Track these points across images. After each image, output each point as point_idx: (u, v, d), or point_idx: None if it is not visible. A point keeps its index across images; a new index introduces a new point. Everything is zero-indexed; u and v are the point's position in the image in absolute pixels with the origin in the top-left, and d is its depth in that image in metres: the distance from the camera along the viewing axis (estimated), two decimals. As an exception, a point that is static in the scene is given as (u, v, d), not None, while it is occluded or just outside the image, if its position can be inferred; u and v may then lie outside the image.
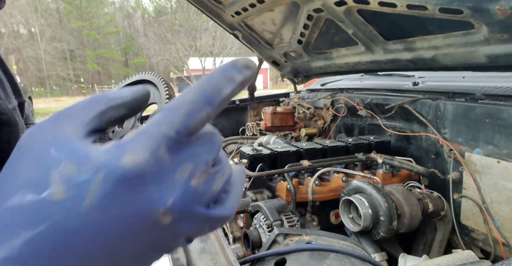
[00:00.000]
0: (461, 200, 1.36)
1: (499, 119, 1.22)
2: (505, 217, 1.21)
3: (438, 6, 1.11)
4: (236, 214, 1.44)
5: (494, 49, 1.17)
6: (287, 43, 2.06)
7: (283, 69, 2.52)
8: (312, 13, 1.61)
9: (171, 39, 24.20)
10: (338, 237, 0.88)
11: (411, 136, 1.63)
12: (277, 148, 1.55)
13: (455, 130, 1.38)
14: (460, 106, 1.36)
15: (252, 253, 1.08)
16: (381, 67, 1.76)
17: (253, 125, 2.42)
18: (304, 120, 2.32)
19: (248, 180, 1.42)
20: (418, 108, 1.54)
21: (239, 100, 2.77)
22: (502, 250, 1.22)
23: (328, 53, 1.96)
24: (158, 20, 28.71)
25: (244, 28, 2.12)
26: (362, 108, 1.82)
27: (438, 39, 1.32)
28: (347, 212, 1.26)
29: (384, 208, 1.14)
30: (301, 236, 0.85)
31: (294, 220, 1.15)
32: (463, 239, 1.37)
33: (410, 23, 1.34)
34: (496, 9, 0.99)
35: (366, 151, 1.58)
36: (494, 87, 1.43)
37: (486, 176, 1.26)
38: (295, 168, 1.40)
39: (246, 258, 0.79)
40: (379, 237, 1.17)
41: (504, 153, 1.20)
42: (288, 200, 1.32)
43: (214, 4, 1.96)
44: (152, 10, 34.17)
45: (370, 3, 1.31)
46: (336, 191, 1.39)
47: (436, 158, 1.51)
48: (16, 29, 31.65)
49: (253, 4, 1.76)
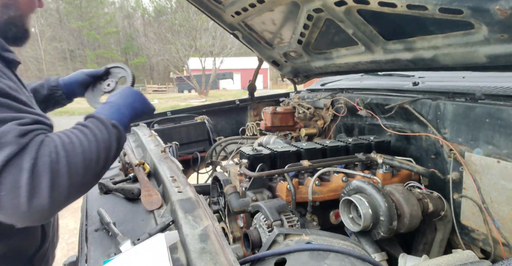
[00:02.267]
0: (461, 200, 1.36)
1: (499, 119, 1.22)
2: (505, 217, 1.21)
3: (438, 6, 1.11)
4: (236, 214, 1.44)
5: (494, 49, 1.17)
6: (287, 43, 2.06)
7: (283, 69, 2.52)
8: (312, 13, 1.61)
9: (171, 39, 24.20)
10: (338, 237, 0.88)
11: (411, 136, 1.63)
12: (277, 148, 1.55)
13: (455, 130, 1.38)
14: (460, 106, 1.36)
15: (252, 253, 1.08)
16: (381, 67, 1.76)
17: (253, 125, 2.42)
18: (304, 120, 2.32)
19: (248, 180, 1.42)
20: (418, 108, 1.54)
21: (239, 100, 2.77)
22: (502, 250, 1.22)
23: (328, 53, 1.96)
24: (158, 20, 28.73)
25: (244, 28, 2.12)
26: (362, 108, 1.82)
27: (438, 39, 1.32)
28: (347, 212, 1.26)
29: (384, 208, 1.14)
30: (301, 236, 0.85)
31: (294, 220, 1.15)
32: (463, 239, 1.37)
33: (410, 23, 1.33)
34: (496, 9, 0.99)
35: (366, 151, 1.58)
36: (494, 87, 1.43)
37: (486, 176, 1.26)
38: (295, 168, 1.40)
39: (246, 258, 0.79)
40: (379, 237, 1.17)
41: (504, 153, 1.20)
42: (288, 200, 1.32)
43: (214, 4, 1.96)
44: (152, 10, 34.19)
45: (370, 3, 1.31)
46: (336, 191, 1.39)
47: (436, 158, 1.51)
48: (16, 29, 31.58)
49: (253, 4, 1.76)
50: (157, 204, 1.12)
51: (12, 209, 0.70)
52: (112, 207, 1.17)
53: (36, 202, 0.71)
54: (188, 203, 0.98)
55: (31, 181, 0.71)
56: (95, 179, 0.87)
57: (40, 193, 0.72)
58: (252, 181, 1.39)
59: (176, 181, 1.17)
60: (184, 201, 0.99)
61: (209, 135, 2.42)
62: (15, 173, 0.70)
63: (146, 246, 0.79)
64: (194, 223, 0.85)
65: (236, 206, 1.33)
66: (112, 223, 1.00)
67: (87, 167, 0.81)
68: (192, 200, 1.00)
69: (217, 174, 1.64)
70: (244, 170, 1.40)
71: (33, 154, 0.73)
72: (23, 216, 0.72)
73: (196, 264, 0.69)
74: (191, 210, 0.93)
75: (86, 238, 0.99)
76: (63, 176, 0.75)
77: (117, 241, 0.91)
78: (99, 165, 0.85)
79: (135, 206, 1.16)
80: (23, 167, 0.71)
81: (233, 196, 1.39)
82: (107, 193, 1.30)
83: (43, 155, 0.75)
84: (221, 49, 24.85)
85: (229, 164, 1.71)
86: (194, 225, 0.84)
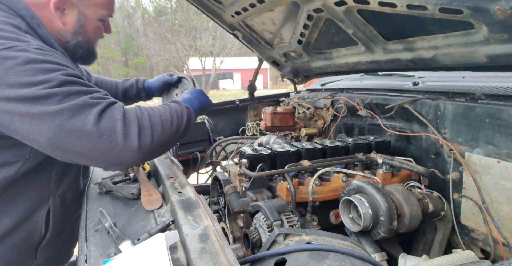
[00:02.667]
0: (461, 200, 1.36)
1: (499, 119, 1.22)
2: (505, 217, 1.21)
3: (438, 6, 1.11)
4: (236, 214, 1.44)
5: (494, 49, 1.17)
6: (287, 43, 2.06)
7: (283, 69, 2.51)
8: (312, 13, 1.61)
9: (171, 39, 24.20)
10: (338, 237, 0.88)
11: (411, 136, 1.63)
12: (277, 148, 1.55)
13: (455, 130, 1.38)
14: (460, 106, 1.36)
15: (252, 253, 1.08)
16: (381, 67, 1.76)
17: (253, 125, 2.42)
18: (304, 120, 2.32)
19: (248, 180, 1.42)
20: (418, 108, 1.54)
21: (239, 100, 2.77)
22: (502, 250, 1.22)
23: (328, 53, 1.96)
24: (158, 20, 28.72)
25: (244, 28, 2.12)
26: (362, 108, 1.82)
27: (438, 39, 1.32)
28: (347, 212, 1.26)
29: (384, 208, 1.14)
30: (301, 236, 0.85)
31: (294, 220, 1.15)
32: (463, 239, 1.37)
33: (410, 23, 1.33)
34: (496, 9, 0.99)
35: (366, 151, 1.58)
36: (494, 87, 1.43)
37: (486, 176, 1.26)
38: (295, 168, 1.40)
39: (246, 258, 0.79)
40: (379, 237, 1.17)
41: (504, 153, 1.20)
42: (288, 200, 1.32)
43: (214, 4, 1.96)
44: (152, 10, 34.18)
45: (370, 3, 1.31)
46: (336, 191, 1.39)
47: (436, 158, 1.51)
48: (16, 29, 31.55)
49: (253, 4, 1.76)
50: (157, 204, 1.12)
51: (111, 149, 0.92)
52: (112, 207, 1.17)
53: (129, 143, 0.93)
54: (188, 203, 0.98)
55: (124, 127, 0.94)
56: (171, 139, 1.08)
57: (131, 136, 0.94)
58: (252, 181, 1.39)
59: (176, 181, 1.17)
60: (184, 201, 0.99)
61: (209, 135, 2.42)
62: (111, 121, 0.93)
63: (146, 246, 0.79)
64: (194, 223, 0.85)
65: (236, 206, 1.33)
66: (112, 223, 1.00)
67: (163, 126, 1.04)
68: (192, 200, 1.00)
69: (217, 174, 1.64)
70: (244, 170, 1.40)
71: (121, 109, 0.98)
72: (119, 155, 0.94)
73: (196, 264, 0.69)
74: (191, 210, 0.93)
75: (86, 238, 0.99)
76: (146, 127, 0.99)
77: (117, 241, 0.91)
78: (172, 127, 1.08)
79: (135, 206, 1.16)
80: (116, 117, 0.94)
81: (233, 196, 1.39)
82: (107, 193, 1.30)
83: (130, 111, 1.00)
84: (221, 49, 24.84)
85: (229, 164, 1.71)
86: (194, 225, 0.84)
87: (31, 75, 0.90)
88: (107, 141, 0.91)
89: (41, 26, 1.11)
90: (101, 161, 0.95)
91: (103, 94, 1.00)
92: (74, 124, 0.89)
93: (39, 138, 0.90)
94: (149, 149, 0.98)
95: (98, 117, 0.91)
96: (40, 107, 0.89)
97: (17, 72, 0.89)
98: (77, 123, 0.89)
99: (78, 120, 0.90)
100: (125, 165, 0.99)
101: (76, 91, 0.94)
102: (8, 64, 0.89)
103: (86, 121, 0.90)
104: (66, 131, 0.89)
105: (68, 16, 1.17)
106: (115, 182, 1.33)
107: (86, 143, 0.90)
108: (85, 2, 1.19)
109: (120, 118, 0.94)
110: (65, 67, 0.98)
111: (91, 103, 0.93)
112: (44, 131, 0.89)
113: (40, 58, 0.94)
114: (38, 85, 0.90)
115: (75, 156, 0.94)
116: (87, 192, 1.33)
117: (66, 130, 0.89)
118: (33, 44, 0.98)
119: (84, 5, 1.19)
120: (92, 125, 0.90)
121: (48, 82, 0.91)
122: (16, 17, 1.06)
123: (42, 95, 0.89)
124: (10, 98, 0.89)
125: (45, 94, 0.89)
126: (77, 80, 0.97)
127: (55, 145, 0.91)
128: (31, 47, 0.96)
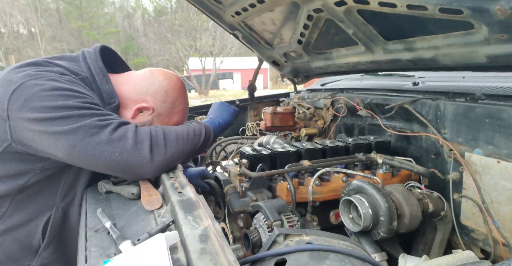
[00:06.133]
0: (461, 200, 1.36)
1: (499, 119, 1.22)
2: (505, 217, 1.21)
3: (438, 6, 1.11)
4: (236, 214, 1.44)
5: (494, 49, 1.17)
6: (287, 43, 2.06)
7: (283, 69, 2.52)
8: (312, 13, 1.61)
9: (171, 39, 24.21)
10: (338, 237, 0.88)
11: (411, 136, 1.63)
12: (277, 148, 1.55)
13: (455, 130, 1.38)
14: (460, 107, 1.36)
15: (252, 253, 1.08)
16: (381, 67, 1.76)
17: (253, 125, 2.42)
18: (304, 121, 2.32)
19: (248, 180, 1.42)
20: (418, 108, 1.54)
21: (239, 100, 2.77)
22: (502, 250, 1.22)
23: (328, 53, 1.96)
24: (158, 20, 28.73)
25: (244, 28, 2.12)
26: (362, 109, 1.82)
27: (438, 39, 1.32)
28: (347, 212, 1.26)
29: (384, 208, 1.13)
30: (301, 236, 0.85)
31: (294, 220, 1.15)
32: (463, 239, 1.37)
33: (410, 23, 1.34)
34: (496, 9, 0.99)
35: (366, 151, 1.58)
36: (494, 87, 1.43)
37: (486, 176, 1.26)
38: (295, 168, 1.40)
39: (246, 259, 0.79)
40: (379, 237, 1.17)
41: (504, 153, 1.20)
42: (288, 200, 1.32)
43: (214, 4, 1.96)
44: (152, 10, 34.19)
45: (370, 3, 1.31)
46: (336, 191, 1.39)
47: (436, 158, 1.51)
48: (16, 29, 31.64)
49: (253, 4, 1.76)
50: (157, 204, 1.12)
51: (126, 164, 1.05)
52: (112, 207, 1.17)
53: (141, 159, 1.06)
54: (188, 203, 0.98)
55: (135, 144, 1.05)
56: (187, 155, 1.20)
57: (143, 153, 1.06)
58: (252, 181, 1.39)
59: (176, 181, 1.17)
60: (184, 201, 0.99)
61: (209, 135, 2.42)
62: (123, 140, 1.04)
63: (146, 246, 0.79)
64: (194, 223, 0.85)
65: (236, 206, 1.33)
66: (112, 223, 1.00)
67: (178, 143, 1.15)
68: (192, 200, 1.00)
69: (217, 174, 1.64)
70: (244, 170, 1.40)
71: (133, 128, 1.08)
72: (133, 169, 1.07)
73: (196, 265, 0.69)
74: (191, 210, 0.93)
75: (86, 238, 0.99)
76: (160, 144, 1.10)
77: (117, 241, 0.91)
78: (188, 145, 1.19)
79: (135, 206, 1.16)
80: (128, 136, 1.05)
81: (233, 196, 1.39)
82: (107, 193, 1.29)
83: (143, 129, 1.10)
84: (221, 49, 24.84)
85: (229, 164, 1.71)
86: (194, 225, 0.84)
87: (52, 101, 1.01)
88: (119, 158, 1.03)
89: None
90: (116, 173, 1.10)
91: (115, 117, 1.10)
92: (88, 144, 1.00)
93: (57, 153, 1.03)
94: (161, 163, 1.10)
95: (109, 135, 1.02)
96: (56, 128, 1.00)
97: (41, 97, 1.01)
98: (90, 142, 1.01)
99: (91, 139, 1.01)
100: (139, 177, 1.13)
101: (90, 114, 1.04)
102: (35, 90, 1.01)
103: (99, 141, 1.01)
104: (79, 150, 1.00)
105: (140, 117, 1.31)
106: (115, 182, 1.32)
107: (99, 160, 1.02)
108: (163, 118, 1.34)
109: (131, 136, 1.05)
110: (86, 95, 1.09)
111: (103, 124, 1.03)
112: (60, 149, 1.01)
113: (65, 86, 1.06)
114: (57, 108, 1.01)
115: (92, 168, 1.09)
116: (87, 192, 1.32)
117: (79, 149, 1.00)
118: (67, 79, 1.11)
119: (158, 120, 1.33)
120: (105, 144, 1.01)
121: (66, 106, 1.02)
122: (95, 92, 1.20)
123: (59, 117, 1.00)
124: (31, 119, 1.00)
125: (62, 116, 1.00)
126: (94, 107, 1.08)
127: (71, 160, 1.04)
128: (62, 78, 1.08)
